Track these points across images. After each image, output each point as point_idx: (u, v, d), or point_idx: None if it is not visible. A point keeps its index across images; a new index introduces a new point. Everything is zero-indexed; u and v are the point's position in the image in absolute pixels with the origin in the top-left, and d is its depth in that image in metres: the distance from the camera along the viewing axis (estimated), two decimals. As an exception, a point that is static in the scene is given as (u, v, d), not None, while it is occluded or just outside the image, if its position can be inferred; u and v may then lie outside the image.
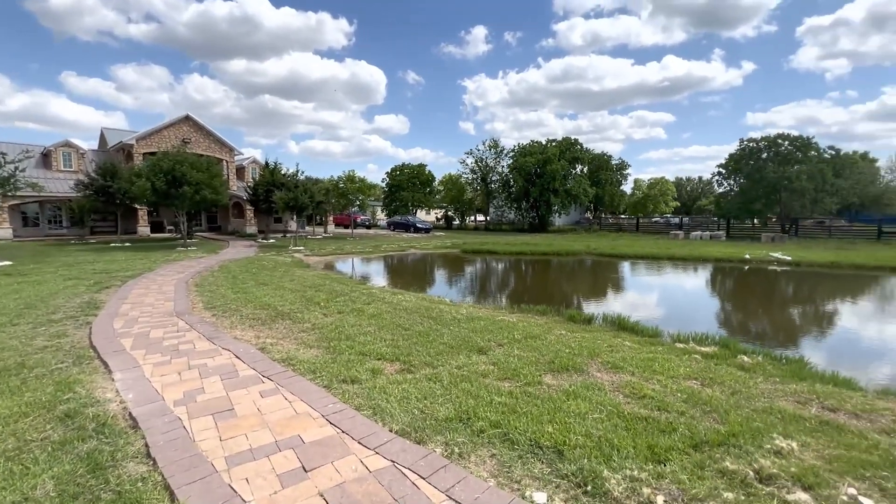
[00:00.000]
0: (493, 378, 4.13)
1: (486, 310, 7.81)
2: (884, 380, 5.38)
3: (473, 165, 47.91)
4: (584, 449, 2.80)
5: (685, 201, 65.58)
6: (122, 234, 23.81)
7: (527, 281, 15.28)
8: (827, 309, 10.51)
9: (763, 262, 17.31)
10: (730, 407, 3.51)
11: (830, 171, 28.45)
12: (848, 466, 2.60)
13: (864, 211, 37.09)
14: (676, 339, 5.94)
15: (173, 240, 23.86)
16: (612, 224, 43.52)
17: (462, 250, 22.63)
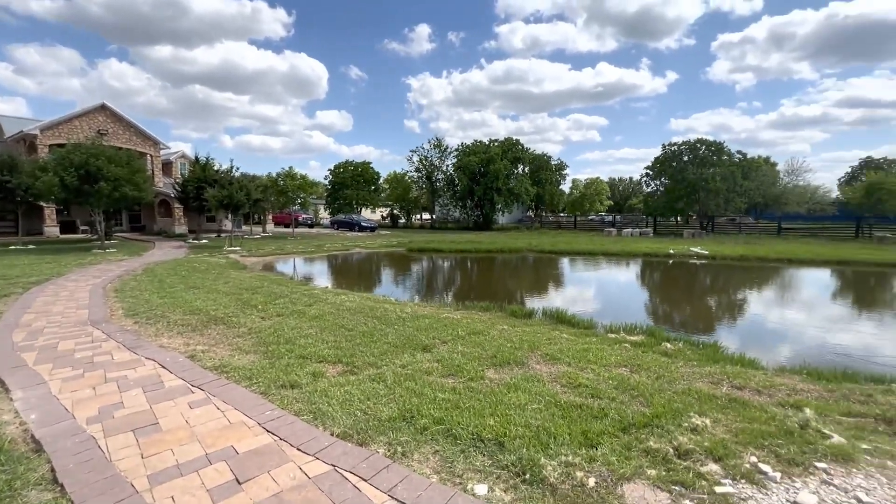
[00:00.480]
0: (437, 375, 4.16)
1: (431, 308, 7.85)
2: (781, 358, 6.07)
3: (419, 164, 47.90)
4: (524, 439, 2.90)
5: (618, 200, 69.79)
6: (25, 236, 21.21)
7: (472, 278, 15.54)
8: (737, 297, 11.67)
9: (685, 256, 18.88)
10: (654, 391, 3.80)
11: (740, 174, 31.60)
12: (751, 437, 2.91)
13: (767, 210, 41.62)
14: (609, 329, 6.32)
15: (88, 241, 21.60)
16: (553, 222, 45.42)
17: (408, 249, 22.56)
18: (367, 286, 12.26)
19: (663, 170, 34.47)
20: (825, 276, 14.96)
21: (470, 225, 44.10)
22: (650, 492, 2.34)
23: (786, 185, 45.17)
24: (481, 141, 44.43)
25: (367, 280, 14.30)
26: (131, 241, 23.08)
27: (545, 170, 48.08)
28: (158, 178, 28.91)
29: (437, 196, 47.83)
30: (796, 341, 7.38)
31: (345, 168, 47.88)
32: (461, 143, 46.41)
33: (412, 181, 49.18)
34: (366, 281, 13.97)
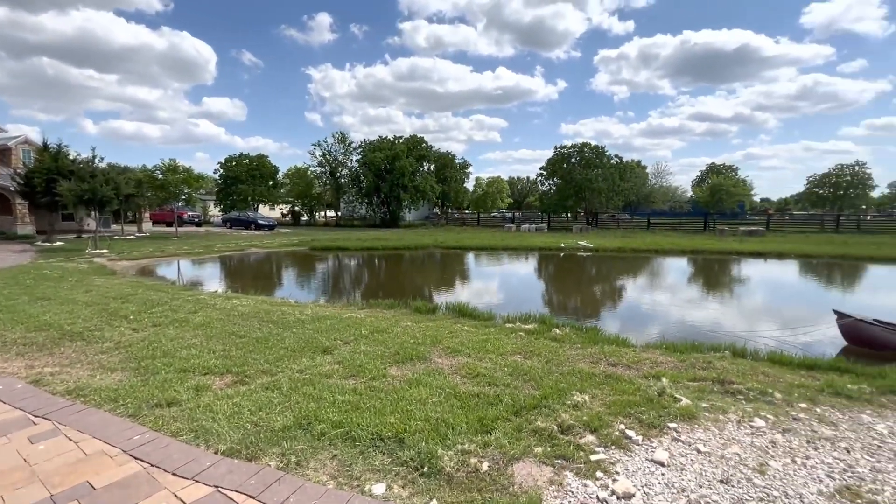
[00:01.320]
0: (338, 377, 4.04)
1: (334, 308, 7.60)
2: (649, 336, 7.00)
3: (321, 159, 45.92)
4: (423, 433, 2.95)
5: (517, 198, 74.40)
6: None
7: (379, 276, 15.36)
8: (616, 285, 13.18)
9: (574, 249, 20.79)
10: (544, 374, 4.12)
11: (618, 175, 35.67)
12: (621, 408, 3.30)
13: (639, 207, 47.75)
14: (506, 320, 6.71)
15: None
16: (458, 219, 46.74)
17: (310, 248, 21.53)
18: (265, 289, 11.44)
19: (555, 170, 37.52)
20: (682, 264, 17.58)
21: (377, 222, 43.52)
22: (536, 468, 2.54)
23: (653, 185, 52.09)
24: (387, 137, 44.06)
25: (264, 282, 13.34)
26: (-48, 244, 18.65)
27: (450, 168, 49.34)
28: (-9, 168, 23.74)
29: (343, 192, 46.35)
30: (661, 320, 8.56)
31: (238, 161, 44.10)
32: (364, 140, 45.58)
33: (315, 176, 46.99)
34: (263, 283, 13.01)
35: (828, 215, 38.22)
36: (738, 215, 39.06)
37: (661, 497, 2.26)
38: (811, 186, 56.33)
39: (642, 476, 2.44)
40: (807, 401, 3.52)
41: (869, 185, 50.91)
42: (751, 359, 4.87)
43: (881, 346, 5.69)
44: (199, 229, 35.06)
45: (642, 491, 2.30)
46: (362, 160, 42.15)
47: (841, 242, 22.11)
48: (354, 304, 8.23)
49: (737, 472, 2.48)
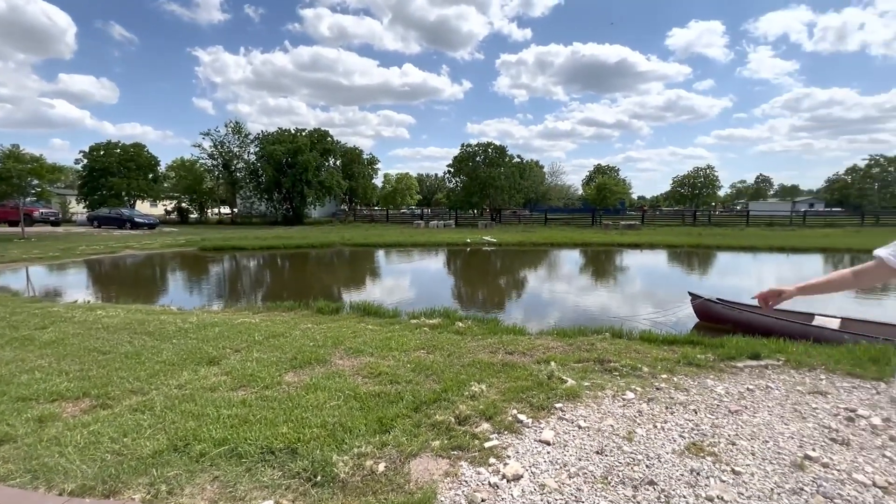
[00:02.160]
0: (225, 390, 3.69)
1: (225, 313, 6.96)
2: (545, 323, 7.52)
3: (213, 150, 41.78)
4: (318, 440, 2.81)
5: (426, 195, 75.29)
6: None
7: (280, 277, 14.45)
8: (517, 277, 13.99)
9: (479, 244, 21.63)
10: (445, 367, 4.20)
11: (518, 174, 37.94)
12: (514, 394, 3.49)
13: (538, 203, 51.35)
14: (412, 316, 6.73)
15: None
16: (367, 216, 45.87)
17: (200, 248, 19.50)
18: (143, 296, 10.07)
19: (461, 168, 38.67)
20: (575, 255, 19.27)
21: (279, 219, 40.89)
22: (433, 462, 2.57)
23: (550, 184, 56.34)
24: (288, 129, 41.52)
25: (142, 289, 11.74)
26: None
27: (357, 163, 48.17)
28: None
29: (239, 188, 42.72)
30: (557, 308, 9.28)
31: (108, 150, 38.29)
32: (263, 131, 42.44)
33: (206, 169, 42.61)
34: (141, 290, 11.45)
35: (687, 211, 44.76)
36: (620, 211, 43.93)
37: (546, 474, 2.42)
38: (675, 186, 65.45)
39: (530, 457, 2.60)
40: (667, 372, 4.06)
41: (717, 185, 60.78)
42: (626, 339, 5.48)
43: (723, 321, 6.81)
44: (57, 229, 29.75)
45: (529, 471, 2.44)
46: (261, 153, 39.24)
47: (697, 234, 26.05)
48: (249, 308, 7.62)
49: (610, 442, 2.77)
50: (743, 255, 18.72)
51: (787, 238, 23.19)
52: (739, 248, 20.14)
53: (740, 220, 38.66)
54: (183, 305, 8.25)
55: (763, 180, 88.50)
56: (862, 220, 35.90)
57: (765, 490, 2.28)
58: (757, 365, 4.28)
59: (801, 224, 34.54)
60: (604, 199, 38.24)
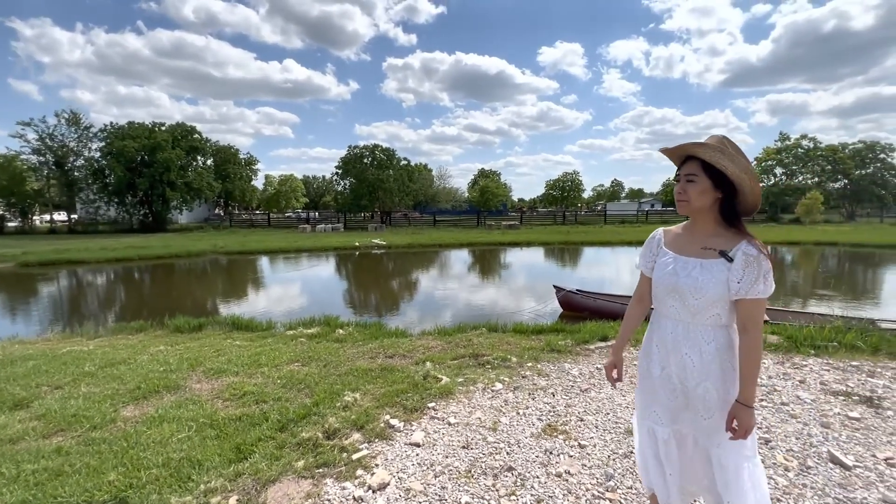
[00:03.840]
0: (34, 438, 3.00)
1: (46, 343, 5.72)
2: (430, 323, 7.64)
3: (39, 144, 34.38)
4: (157, 482, 2.42)
5: (313, 197, 71.71)
6: None
7: (133, 295, 12.42)
8: (407, 278, 14.06)
9: (368, 247, 21.29)
10: (319, 379, 3.98)
11: (407, 177, 38.28)
12: (389, 399, 3.44)
13: (427, 206, 52.49)
14: (288, 327, 6.29)
15: None
16: (245, 220, 42.07)
17: (21, 264, 15.88)
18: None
19: (349, 170, 37.70)
20: (463, 255, 20.06)
21: (135, 226, 35.31)
22: (294, 485, 2.38)
23: (438, 187, 57.99)
24: (143, 123, 36.03)
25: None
26: None
27: (232, 163, 43.94)
28: None
29: (78, 190, 35.82)
30: (444, 306, 9.50)
31: None
32: (111, 122, 36.25)
33: (29, 167, 34.88)
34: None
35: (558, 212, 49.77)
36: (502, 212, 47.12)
37: (413, 477, 2.41)
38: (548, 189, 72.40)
39: (399, 462, 2.57)
40: (533, 360, 4.40)
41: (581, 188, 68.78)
42: (501, 332, 5.82)
43: (582, 309, 7.67)
44: None
45: (396, 477, 2.41)
46: (108, 149, 33.42)
47: (566, 232, 29.13)
48: (82, 334, 6.37)
49: (476, 434, 2.88)
50: (602, 250, 21.43)
51: (635, 233, 27.20)
52: (599, 243, 23.05)
53: (599, 219, 44.24)
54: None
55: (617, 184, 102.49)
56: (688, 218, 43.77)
57: (602, 458, 2.58)
58: (606, 346, 4.87)
59: (645, 221, 40.82)
60: (487, 201, 40.63)
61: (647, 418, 1.61)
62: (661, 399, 1.54)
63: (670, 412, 1.53)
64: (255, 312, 7.86)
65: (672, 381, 1.50)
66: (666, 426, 1.54)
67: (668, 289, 1.48)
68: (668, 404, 1.53)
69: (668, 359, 1.50)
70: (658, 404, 1.56)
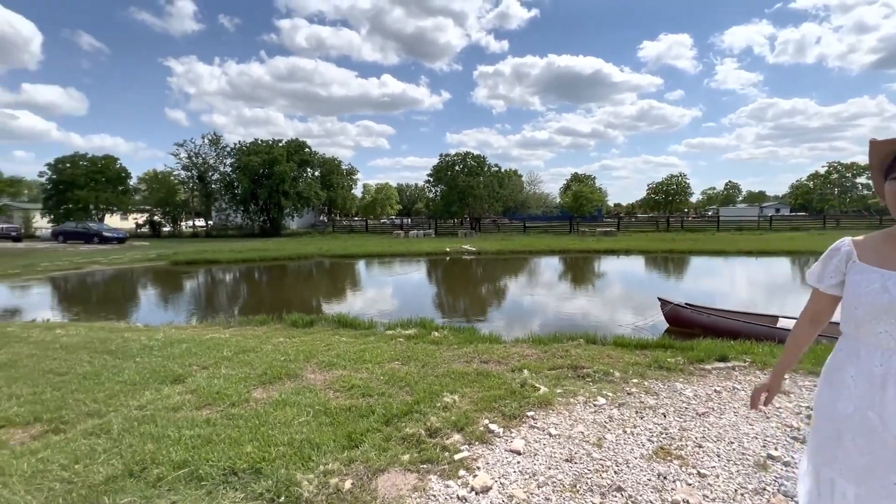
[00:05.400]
0: (189, 409, 3.56)
1: (194, 329, 6.74)
2: (522, 330, 7.54)
3: (188, 161, 40.85)
4: (285, 458, 2.72)
5: (406, 204, 75.30)
6: None
7: (255, 290, 14.12)
8: (497, 284, 14.05)
9: (458, 253, 21.68)
10: (419, 378, 4.15)
11: (497, 183, 38.34)
12: (486, 404, 3.47)
13: (516, 212, 51.95)
14: (388, 327, 6.65)
15: None
16: (346, 226, 45.48)
17: (172, 262, 18.94)
18: (108, 313, 9.69)
19: (440, 177, 38.84)
20: (554, 262, 19.49)
21: (255, 231, 40.13)
22: (401, 477, 2.51)
23: (528, 192, 57.13)
24: (265, 140, 40.96)
25: (108, 306, 11.30)
26: None
27: (336, 174, 47.85)
28: None
29: (214, 200, 41.80)
30: (536, 314, 9.33)
31: (75, 162, 37.00)
32: (240, 141, 41.75)
33: (179, 181, 41.59)
34: (107, 307, 11.01)
35: (661, 217, 45.96)
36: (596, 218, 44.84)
37: (515, 485, 2.40)
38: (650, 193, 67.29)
39: (500, 467, 2.57)
40: (638, 376, 4.11)
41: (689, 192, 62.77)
42: (600, 344, 5.53)
43: (692, 325, 6.96)
44: (18, 245, 28.47)
45: (499, 482, 2.42)
46: (237, 164, 38.56)
47: (670, 240, 26.74)
48: (220, 324, 7.40)
49: (579, 449, 2.77)
50: (714, 260, 19.28)
51: (755, 242, 24.03)
52: (711, 252, 20.75)
53: (711, 225, 39.89)
54: (151, 322, 7.97)
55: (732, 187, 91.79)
56: (824, 224, 37.61)
57: (728, 491, 2.31)
58: (724, 367, 4.38)
59: (768, 228, 35.85)
60: (580, 206, 39.00)
61: (828, 466, 1.30)
62: (849, 447, 1.25)
63: (862, 468, 1.22)
64: (356, 311, 8.46)
65: (873, 427, 1.19)
66: (852, 483, 1.24)
67: (879, 310, 1.21)
68: (859, 457, 1.22)
69: (872, 398, 1.21)
70: (843, 451, 1.27)
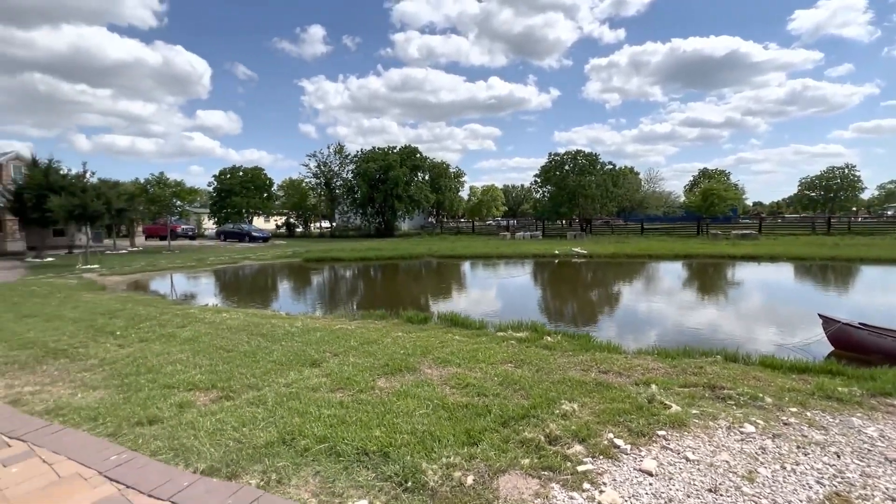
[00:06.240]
0: (325, 390, 3.98)
1: (324, 320, 7.53)
2: (642, 342, 6.96)
3: (317, 169, 46.02)
4: (409, 446, 2.89)
5: (512, 206, 74.80)
6: None
7: (373, 286, 15.29)
8: (611, 290, 13.18)
9: (568, 255, 20.82)
10: (534, 383, 4.07)
11: (611, 182, 35.94)
12: (610, 416, 3.26)
13: (633, 212, 48.04)
14: (498, 328, 6.66)
15: None
16: (453, 227, 46.84)
17: (304, 259, 21.43)
18: (256, 301, 11.35)
19: (549, 177, 37.72)
20: (676, 268, 17.62)
21: (371, 232, 43.47)
22: (522, 480, 2.49)
23: (646, 191, 52.50)
24: (381, 148, 44.20)
25: (256, 295, 13.24)
26: (-60, 262, 18.43)
27: (444, 177, 49.54)
28: (-19, 185, 23.56)
29: (337, 203, 46.37)
30: (656, 325, 8.54)
31: (233, 174, 44.07)
32: (360, 150, 45.66)
33: (309, 188, 47.04)
34: (256, 295, 12.91)
35: (819, 218, 38.59)
36: (731, 219, 39.40)
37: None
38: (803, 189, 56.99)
39: (629, 486, 2.40)
40: (797, 405, 3.49)
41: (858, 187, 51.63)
42: (742, 363, 4.84)
43: (869, 351, 5.67)
44: (193, 242, 34.86)
45: (629, 502, 2.25)
46: (357, 171, 42.25)
47: (832, 244, 22.27)
48: (346, 316, 8.16)
49: (725, 480, 2.44)
50: (894, 269, 15.56)
51: (962, 249, 18.78)
52: (890, 260, 16.79)
53: (891, 227, 32.30)
54: (290, 311, 9.11)
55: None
56: None
57: (943, 563, 1.83)
58: (923, 404, 3.50)
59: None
60: (711, 205, 34.54)
61: None
62: None
63: None
64: (465, 310, 8.62)
65: None
66: None
67: None
68: None
69: None
70: None
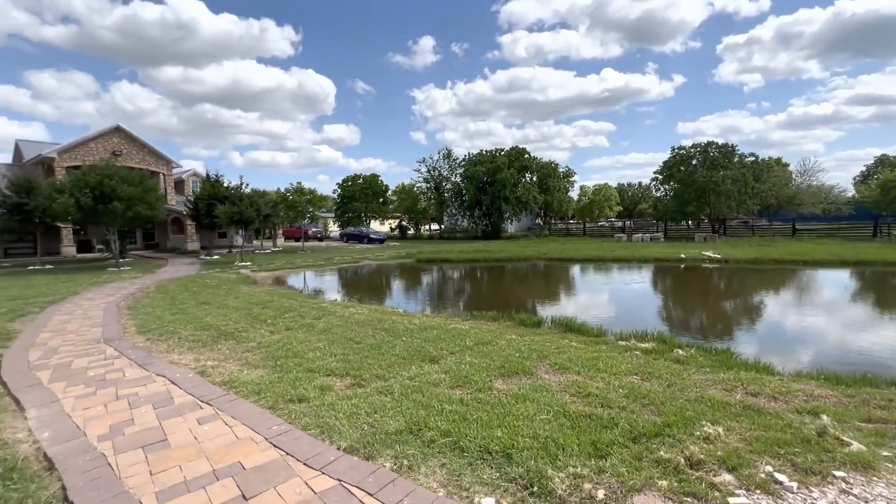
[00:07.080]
0: (445, 387, 4.14)
1: (439, 318, 7.83)
2: (798, 363, 5.92)
3: (427, 174, 48.26)
4: (532, 450, 2.86)
5: (627, 205, 69.39)
6: (44, 256, 21.70)
7: (481, 287, 15.49)
8: (752, 301, 11.44)
9: (697, 260, 18.61)
10: (666, 399, 3.72)
11: (751, 176, 31.20)
12: (766, 446, 2.83)
13: (780, 211, 40.97)
14: (619, 337, 6.23)
15: (103, 260, 22.04)
16: (562, 229, 45.20)
17: (416, 260, 22.60)
18: (376, 298, 12.30)
19: (672, 174, 34.14)
20: (843, 277, 14.60)
21: (479, 234, 44.11)
22: (659, 503, 2.28)
23: (799, 185, 44.49)
24: (488, 151, 44.59)
25: (375, 292, 14.35)
26: (145, 258, 23.49)
27: (552, 177, 48.04)
28: (171, 196, 29.49)
29: (446, 206, 48.00)
30: (815, 345, 7.19)
31: (353, 181, 48.49)
32: (468, 153, 46.66)
33: (420, 192, 49.51)
34: (375, 293, 14.01)
35: None
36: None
37: (827, 561, 1.86)
38: None
39: (800, 531, 2.05)
40: None
41: None
42: (954, 399, 3.81)
43: None
44: (321, 244, 39.12)
45: (801, 550, 1.92)
46: (464, 174, 43.25)
47: None
48: (459, 315, 8.40)
49: (941, 544, 1.95)
50: None
51: None
52: None
53: None
54: (407, 308, 9.68)
55: None
56: None
57: None
58: None
59: None
60: (893, 201, 27.84)
61: None
62: None
63: None
64: (579, 315, 8.24)
65: None
66: None
67: None
68: None
69: None
70: None
